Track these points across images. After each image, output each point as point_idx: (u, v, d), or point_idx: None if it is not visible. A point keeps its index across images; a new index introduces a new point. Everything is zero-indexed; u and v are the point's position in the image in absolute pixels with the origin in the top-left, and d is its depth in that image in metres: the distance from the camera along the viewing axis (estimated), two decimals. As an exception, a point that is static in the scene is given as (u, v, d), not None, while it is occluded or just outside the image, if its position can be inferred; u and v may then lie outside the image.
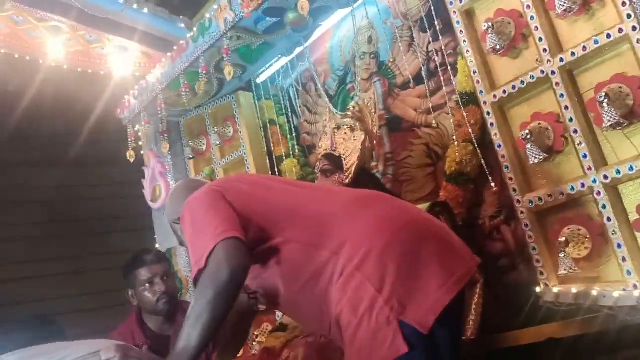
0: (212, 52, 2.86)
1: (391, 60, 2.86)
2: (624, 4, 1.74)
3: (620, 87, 1.78)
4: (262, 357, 1.98)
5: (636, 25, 1.71)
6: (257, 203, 1.42)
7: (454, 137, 2.33)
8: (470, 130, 2.29)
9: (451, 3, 2.21)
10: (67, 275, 4.36)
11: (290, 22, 2.67)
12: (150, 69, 3.25)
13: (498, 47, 2.05)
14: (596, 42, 1.81)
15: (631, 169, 1.74)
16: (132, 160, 3.33)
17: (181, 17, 3.20)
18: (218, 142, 3.25)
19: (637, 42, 1.71)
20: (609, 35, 1.78)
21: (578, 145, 1.86)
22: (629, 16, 1.73)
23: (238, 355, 2.16)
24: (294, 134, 3.30)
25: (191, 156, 3.43)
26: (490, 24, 2.04)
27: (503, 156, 2.08)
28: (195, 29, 2.83)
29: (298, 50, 3.09)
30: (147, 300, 2.36)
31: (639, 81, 1.74)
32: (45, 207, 4.40)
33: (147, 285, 2.36)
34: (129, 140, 3.36)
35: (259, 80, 3.41)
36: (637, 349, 1.83)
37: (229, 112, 3.32)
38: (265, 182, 1.54)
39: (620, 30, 1.75)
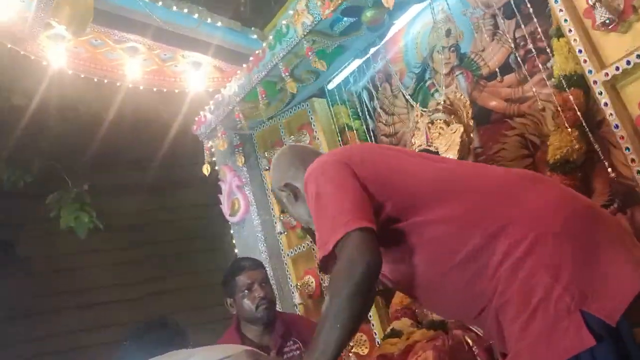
0: (289, 58, 2.83)
1: (474, 51, 2.75)
2: None
3: None
4: (379, 364, 1.88)
5: None
6: (391, 176, 1.31)
7: (565, 123, 2.18)
8: (578, 114, 2.15)
9: (547, -19, 2.11)
10: (151, 297, 4.43)
11: (368, 21, 2.61)
12: (223, 84, 3.26)
13: (608, 21, 1.92)
14: None
15: None
16: (207, 173, 3.33)
17: (252, 28, 3.19)
18: (295, 151, 3.20)
19: None
20: None
21: None
22: None
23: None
24: (371, 138, 3.22)
25: (267, 167, 3.39)
26: (597, -3, 1.92)
27: (622, 137, 1.93)
28: (270, 37, 2.81)
29: (372, 50, 3.03)
30: (246, 306, 2.32)
31: None
32: (127, 233, 4.50)
33: (246, 291, 2.33)
34: (205, 154, 3.37)
35: (330, 86, 3.36)
36: None
37: (304, 119, 3.28)
38: (397, 154, 1.42)
39: None
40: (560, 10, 2.08)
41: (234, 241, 3.66)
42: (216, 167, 3.68)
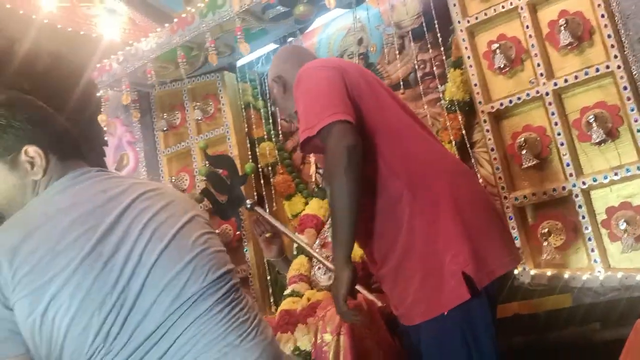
0: (215, 29, 2.94)
1: (380, 63, 3.13)
2: (612, 46, 2.17)
3: (602, 112, 2.21)
4: (283, 317, 2.13)
5: (620, 64, 2.15)
6: (369, 107, 1.59)
7: (451, 137, 2.65)
8: (462, 132, 2.64)
9: (459, 22, 2.55)
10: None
11: (300, 14, 2.84)
12: (134, 36, 3.23)
13: (502, 66, 2.41)
14: (586, 73, 2.23)
15: (605, 177, 2.18)
16: (104, 125, 3.28)
17: (179, -12, 3.21)
18: (200, 118, 3.30)
19: (620, 78, 2.15)
20: (597, 69, 2.21)
21: (563, 155, 2.27)
22: (615, 56, 2.16)
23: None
24: (269, 119, 3.43)
25: (165, 128, 3.43)
26: (498, 44, 2.40)
27: (495, 158, 2.44)
28: (203, 4, 2.89)
29: (290, 40, 3.25)
30: None
31: (617, 109, 2.19)
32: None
33: None
34: (103, 104, 3.30)
35: (239, 62, 3.50)
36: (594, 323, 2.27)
37: (211, 89, 3.38)
38: (382, 92, 1.70)
39: (607, 67, 2.18)
40: (466, 47, 2.54)
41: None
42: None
